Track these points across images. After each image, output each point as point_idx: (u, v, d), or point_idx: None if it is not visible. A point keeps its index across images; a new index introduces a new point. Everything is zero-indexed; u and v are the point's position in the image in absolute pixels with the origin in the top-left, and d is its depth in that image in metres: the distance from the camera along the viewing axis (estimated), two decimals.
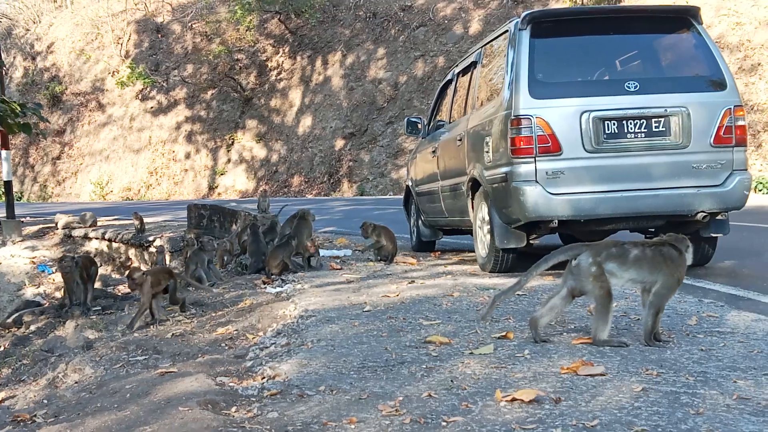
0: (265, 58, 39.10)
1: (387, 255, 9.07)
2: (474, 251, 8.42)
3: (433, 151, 9.55)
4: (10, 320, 10.91)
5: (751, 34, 22.70)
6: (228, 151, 38.30)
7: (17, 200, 34.20)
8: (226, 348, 5.17)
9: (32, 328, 9.11)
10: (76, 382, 4.97)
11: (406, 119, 10.86)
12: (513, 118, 6.89)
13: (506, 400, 3.30)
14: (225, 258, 10.46)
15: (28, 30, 53.74)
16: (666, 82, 7.20)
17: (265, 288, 7.78)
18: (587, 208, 6.91)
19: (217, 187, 37.58)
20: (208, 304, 7.28)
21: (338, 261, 9.47)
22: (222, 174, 37.90)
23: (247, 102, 38.75)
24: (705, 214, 6.97)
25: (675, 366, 3.78)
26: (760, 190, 19.22)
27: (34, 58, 50.00)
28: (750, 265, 7.57)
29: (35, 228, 17.78)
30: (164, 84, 41.95)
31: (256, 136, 37.37)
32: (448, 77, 10.04)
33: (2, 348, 8.26)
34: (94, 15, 48.70)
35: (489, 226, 7.56)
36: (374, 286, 7.06)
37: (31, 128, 8.48)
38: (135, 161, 41.40)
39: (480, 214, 7.87)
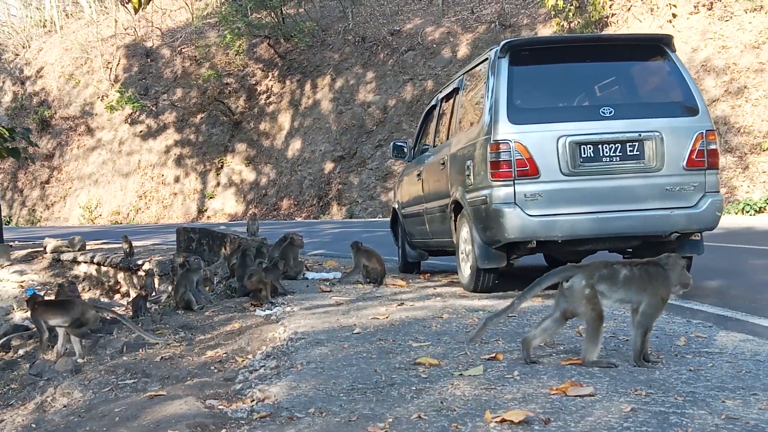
0: (254, 82, 39.19)
1: (376, 277, 9.06)
2: None
3: (419, 175, 9.74)
4: None
5: (737, 57, 22.88)
6: (217, 174, 38.28)
7: (6, 224, 34.08)
8: (216, 371, 5.15)
9: (20, 352, 9.06)
10: (64, 406, 4.94)
11: (392, 143, 11.04)
12: (492, 142, 7.08)
13: (496, 421, 3.30)
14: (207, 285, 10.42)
15: (17, 55, 53.80)
16: (640, 108, 7.39)
17: (255, 311, 7.76)
18: (564, 229, 7.07)
19: (206, 210, 37.54)
20: (197, 327, 7.25)
21: (327, 283, 9.45)
22: (211, 197, 37.87)
23: (236, 126, 38.79)
24: (678, 234, 7.14)
25: (664, 386, 3.79)
26: (748, 212, 19.31)
27: (23, 83, 50.01)
28: (738, 285, 7.59)
29: (24, 252, 17.74)
30: (153, 108, 41.97)
31: (245, 159, 37.38)
32: (433, 102, 10.27)
33: None
34: (83, 40, 48.82)
35: (471, 247, 7.70)
36: (364, 308, 7.04)
37: (20, 153, 8.48)
38: (124, 185, 41.33)
39: (462, 235, 8.02)
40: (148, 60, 44.90)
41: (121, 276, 14.96)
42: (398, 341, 5.28)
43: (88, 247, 17.28)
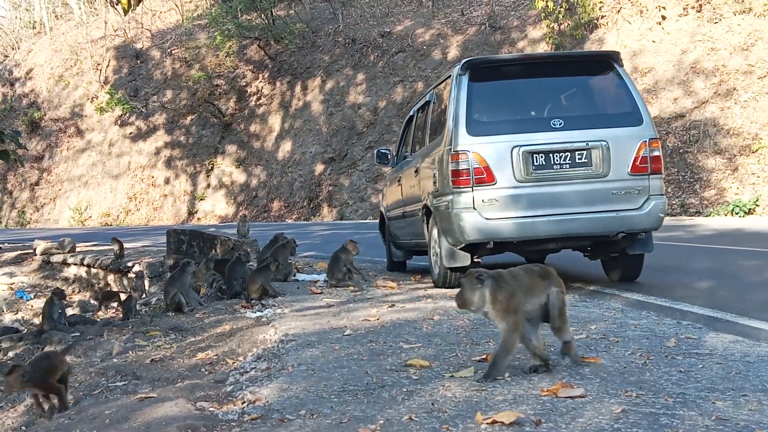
0: (244, 84, 39.16)
1: None
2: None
3: (398, 180, 10.45)
4: None
5: (726, 59, 22.94)
6: (207, 176, 38.23)
7: None
8: (206, 373, 5.15)
9: (10, 354, 9.02)
10: (55, 408, 4.93)
11: (376, 151, 11.77)
12: (453, 152, 7.69)
13: (487, 423, 3.30)
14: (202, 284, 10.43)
15: (6, 56, 53.70)
16: (588, 119, 7.92)
17: (245, 313, 7.75)
18: (518, 231, 7.66)
19: (196, 212, 37.49)
20: (187, 329, 7.24)
21: (318, 285, 9.45)
22: (202, 199, 37.82)
23: (226, 127, 38.75)
24: (624, 234, 7.70)
25: (654, 387, 3.80)
26: (737, 213, 19.37)
27: (12, 84, 49.87)
28: (727, 286, 7.62)
29: (13, 254, 17.67)
30: (143, 110, 41.90)
31: (235, 161, 37.33)
32: (411, 113, 10.92)
33: None
34: (73, 41, 48.72)
35: (438, 249, 8.33)
36: (354, 310, 7.05)
37: (9, 155, 8.40)
38: (114, 187, 41.25)
39: (434, 236, 8.55)
40: (138, 61, 44.82)
41: (111, 278, 14.92)
42: (389, 343, 5.28)
43: (78, 249, 17.22)
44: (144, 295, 12.44)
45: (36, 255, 17.24)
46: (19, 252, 17.96)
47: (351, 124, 32.67)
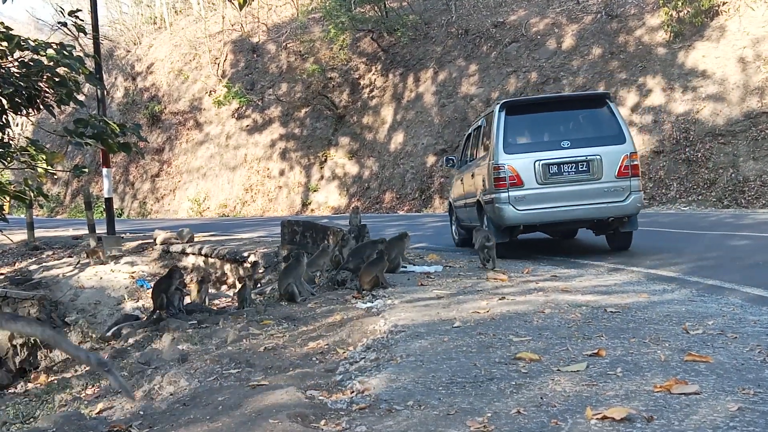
0: (357, 76, 39.43)
1: None
2: (567, 268, 9.64)
3: (462, 180, 13.85)
4: (109, 333, 11.25)
5: None
6: (321, 167, 38.65)
7: (118, 216, 35.22)
8: (317, 362, 5.22)
9: (130, 341, 9.34)
10: (171, 394, 5.07)
11: (445, 158, 16.37)
12: (495, 165, 11.08)
13: (597, 418, 3.25)
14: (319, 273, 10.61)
15: (129, 51, 55.47)
16: (587, 140, 11.15)
17: (356, 303, 7.82)
18: (540, 218, 11.15)
19: (310, 203, 37.95)
20: (300, 318, 7.35)
21: (429, 276, 9.46)
22: (315, 191, 38.27)
23: (339, 119, 39.11)
24: (613, 218, 11.12)
25: None
26: None
27: (134, 79, 51.51)
28: None
29: (135, 244, 18.25)
30: (259, 103, 42.65)
31: (348, 153, 37.64)
32: (469, 131, 14.14)
33: None
34: (192, 36, 49.96)
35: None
36: (464, 302, 7.02)
37: (131, 147, 8.70)
38: (231, 178, 42.14)
39: (484, 221, 11.85)
40: (254, 55, 45.63)
41: (227, 267, 15.27)
42: (498, 335, 5.25)
43: (195, 239, 17.68)
44: (259, 285, 12.69)
45: (156, 245, 17.74)
46: (141, 242, 18.52)
47: (463, 115, 32.49)
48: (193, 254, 16.47)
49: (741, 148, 22.28)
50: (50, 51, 8.26)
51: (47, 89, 8.39)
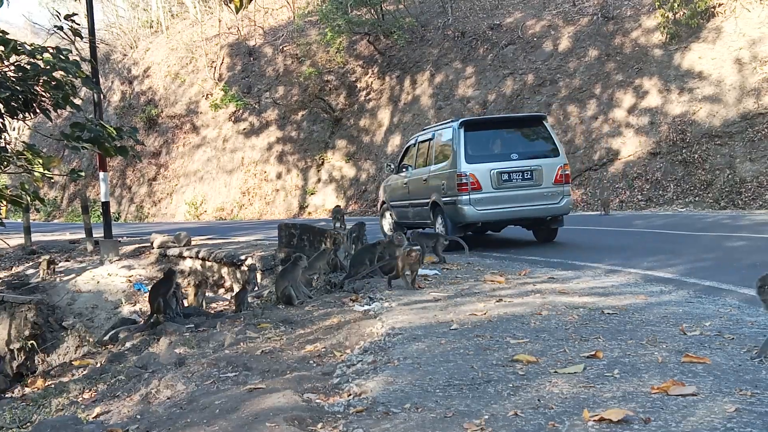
0: (354, 79, 39.44)
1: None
2: (565, 270, 9.66)
3: (407, 184, 15.55)
4: (106, 338, 11.24)
5: None
6: (318, 170, 38.65)
7: (115, 220, 35.18)
8: (314, 365, 5.21)
9: (127, 345, 9.33)
10: (168, 398, 5.07)
11: (385, 164, 19.98)
12: (458, 173, 12.96)
13: (594, 420, 3.25)
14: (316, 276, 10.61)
15: (125, 55, 55.42)
16: (530, 153, 13.29)
17: (353, 306, 7.82)
18: (494, 216, 13.20)
19: (307, 206, 37.93)
20: (297, 321, 7.35)
21: (427, 279, 9.45)
22: (312, 193, 38.25)
23: (336, 122, 39.11)
24: (550, 217, 13.42)
25: None
26: None
27: (131, 82, 51.47)
28: None
29: (132, 247, 18.22)
30: (256, 106, 42.63)
31: (345, 155, 37.64)
32: (412, 142, 16.31)
33: (99, 365, 8.48)
34: (188, 39, 49.93)
35: (443, 226, 13.56)
36: (461, 304, 7.02)
37: (128, 151, 8.68)
38: (228, 182, 42.12)
39: (438, 220, 13.86)
40: (251, 58, 45.61)
41: (225, 271, 15.25)
42: (496, 338, 5.25)
43: (193, 243, 17.66)
44: (256, 288, 12.68)
45: (153, 248, 17.71)
46: (137, 245, 18.49)
47: (460, 117, 32.53)
48: (191, 258, 16.44)
49: (737, 150, 22.30)
50: (46, 55, 8.25)
51: (44, 93, 8.37)
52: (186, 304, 11.98)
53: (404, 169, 16.03)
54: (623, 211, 22.47)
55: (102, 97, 20.20)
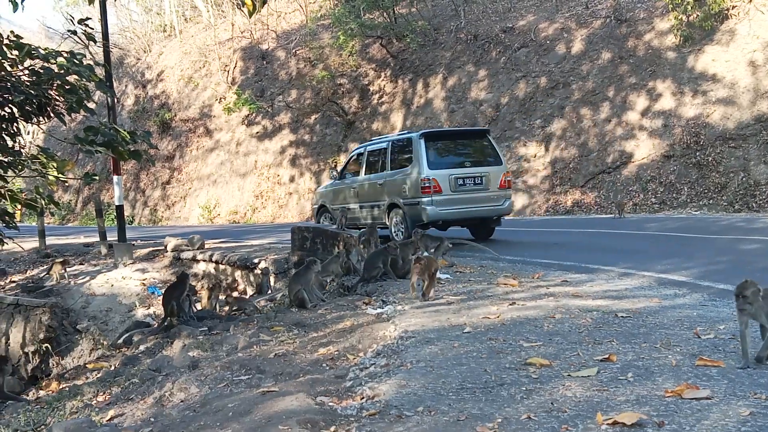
0: (367, 82, 39.44)
1: None
2: (578, 273, 9.60)
3: (353, 188, 17.23)
4: (120, 341, 11.27)
5: None
6: (331, 174, 38.66)
7: (129, 224, 35.25)
8: (327, 368, 5.21)
9: (141, 348, 9.35)
10: (181, 401, 5.07)
11: (330, 171, 23.45)
12: (422, 177, 14.59)
13: (607, 423, 3.24)
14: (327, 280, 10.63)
15: (138, 59, 55.62)
16: (481, 162, 15.27)
17: (366, 309, 7.81)
18: (452, 216, 14.90)
19: None
20: (310, 324, 7.35)
21: (439, 282, 9.43)
22: None
23: (349, 125, 39.11)
24: (496, 218, 15.52)
25: None
26: None
27: (144, 86, 51.63)
28: None
29: (146, 251, 18.27)
30: (269, 109, 42.69)
31: None
32: (360, 150, 17.90)
33: (113, 367, 8.51)
34: (201, 43, 50.05)
35: (403, 225, 15.11)
36: (475, 307, 7.00)
37: (141, 155, 8.71)
38: (241, 185, 42.18)
39: (394, 219, 15.54)
40: (264, 62, 45.68)
41: (238, 274, 15.28)
42: (509, 341, 5.23)
43: (206, 246, 17.70)
44: (269, 291, 12.69)
45: (167, 252, 17.76)
46: (151, 249, 18.54)
47: (473, 120, 32.47)
48: (204, 261, 16.48)
49: (752, 152, 22.20)
50: (60, 59, 8.28)
51: (57, 97, 8.41)
52: (199, 307, 12.00)
53: (347, 176, 18.01)
54: (637, 214, 22.39)
55: (116, 100, 20.29)
